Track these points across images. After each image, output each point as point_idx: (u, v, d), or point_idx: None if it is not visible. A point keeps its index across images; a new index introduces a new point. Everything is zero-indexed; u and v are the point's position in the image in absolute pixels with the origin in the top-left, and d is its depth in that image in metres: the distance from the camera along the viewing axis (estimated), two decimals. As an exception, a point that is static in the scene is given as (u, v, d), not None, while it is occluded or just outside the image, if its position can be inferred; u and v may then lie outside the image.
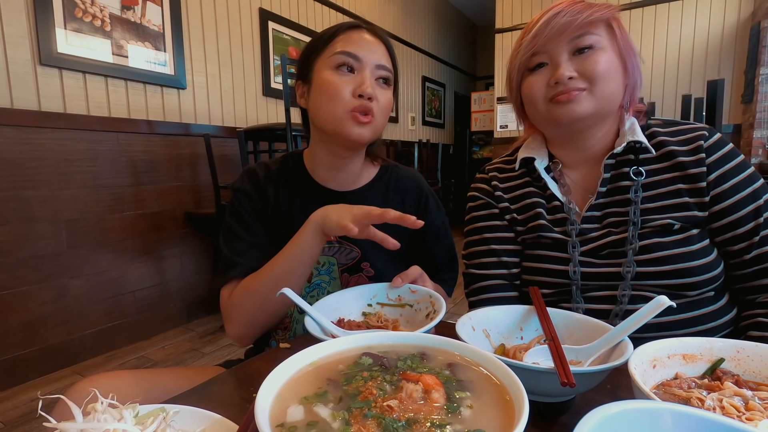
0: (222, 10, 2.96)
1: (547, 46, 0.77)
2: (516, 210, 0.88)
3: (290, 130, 2.29)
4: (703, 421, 0.32)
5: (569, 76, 0.74)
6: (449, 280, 0.98)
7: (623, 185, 0.79)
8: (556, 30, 0.75)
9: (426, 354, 0.44)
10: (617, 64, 0.76)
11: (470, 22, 7.55)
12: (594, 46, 0.75)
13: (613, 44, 0.76)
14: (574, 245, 0.79)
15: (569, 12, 0.75)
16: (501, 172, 0.94)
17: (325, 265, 0.91)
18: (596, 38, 0.75)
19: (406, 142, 5.24)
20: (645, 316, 0.52)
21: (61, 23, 2.11)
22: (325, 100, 0.82)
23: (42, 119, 2.06)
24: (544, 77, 0.78)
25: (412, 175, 1.00)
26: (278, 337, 0.92)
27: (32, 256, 2.07)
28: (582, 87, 0.75)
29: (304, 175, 0.94)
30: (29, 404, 1.87)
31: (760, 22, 3.41)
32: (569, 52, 0.76)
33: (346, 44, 0.82)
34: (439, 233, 0.97)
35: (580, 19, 0.74)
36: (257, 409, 0.33)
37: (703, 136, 0.78)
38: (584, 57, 0.75)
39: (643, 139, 0.79)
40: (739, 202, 0.74)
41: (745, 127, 3.63)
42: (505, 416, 0.33)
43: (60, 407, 0.58)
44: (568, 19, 0.74)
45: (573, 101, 0.75)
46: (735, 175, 0.75)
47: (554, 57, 0.77)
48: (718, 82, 1.46)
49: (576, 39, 0.75)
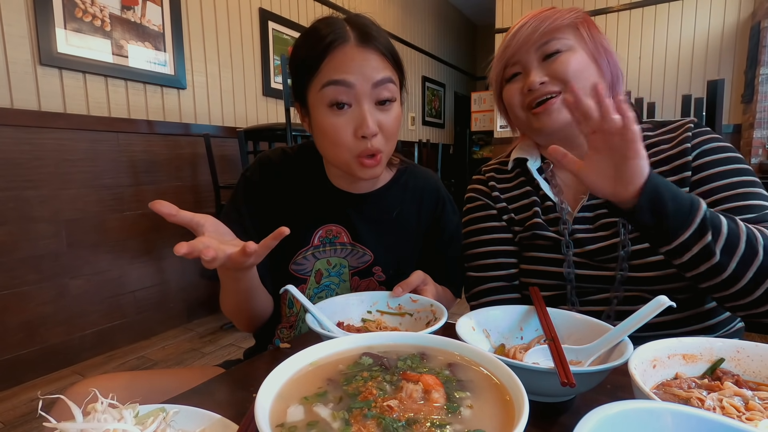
0: (222, 10, 2.96)
1: (516, 56, 0.80)
2: (513, 210, 0.88)
3: (290, 130, 2.29)
4: (703, 421, 0.32)
5: (540, 82, 0.77)
6: (458, 282, 0.96)
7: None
8: (523, 40, 0.79)
9: (426, 354, 0.44)
10: (589, 63, 0.78)
11: (470, 22, 7.55)
12: (561, 50, 0.77)
13: (583, 45, 0.78)
14: (567, 245, 0.79)
15: (533, 22, 0.79)
16: (498, 172, 0.94)
17: (336, 266, 0.89)
18: (563, 42, 0.78)
19: (406, 142, 5.24)
20: (645, 316, 0.52)
21: (61, 23, 2.11)
22: (328, 145, 0.78)
23: (42, 119, 2.06)
24: (518, 86, 0.82)
25: (429, 177, 0.98)
26: (283, 335, 0.92)
27: (32, 256, 2.07)
28: (555, 90, 0.77)
29: (320, 175, 0.91)
30: (29, 404, 1.87)
31: (760, 22, 3.41)
32: (538, 59, 0.79)
33: (335, 69, 0.73)
34: (453, 237, 0.95)
35: (544, 26, 0.77)
36: (257, 409, 0.33)
37: (689, 128, 0.78)
38: (553, 61, 0.77)
39: None
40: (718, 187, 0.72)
41: (745, 127, 3.63)
42: (505, 416, 0.33)
43: (60, 407, 0.58)
44: (532, 27, 0.78)
45: (550, 111, 0.77)
46: (719, 164, 0.74)
47: (525, 65, 0.80)
48: (718, 82, 1.46)
49: (543, 46, 0.78)
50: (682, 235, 0.60)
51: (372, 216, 0.90)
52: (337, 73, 0.73)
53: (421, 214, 0.94)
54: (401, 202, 0.92)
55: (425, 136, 6.03)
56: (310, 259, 0.88)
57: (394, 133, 0.79)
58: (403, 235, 0.92)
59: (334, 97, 0.73)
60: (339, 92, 0.73)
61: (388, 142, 0.78)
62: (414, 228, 0.93)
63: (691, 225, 0.59)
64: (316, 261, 0.88)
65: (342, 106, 0.74)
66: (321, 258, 0.89)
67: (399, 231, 0.92)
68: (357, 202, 0.89)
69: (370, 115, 0.74)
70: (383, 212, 0.91)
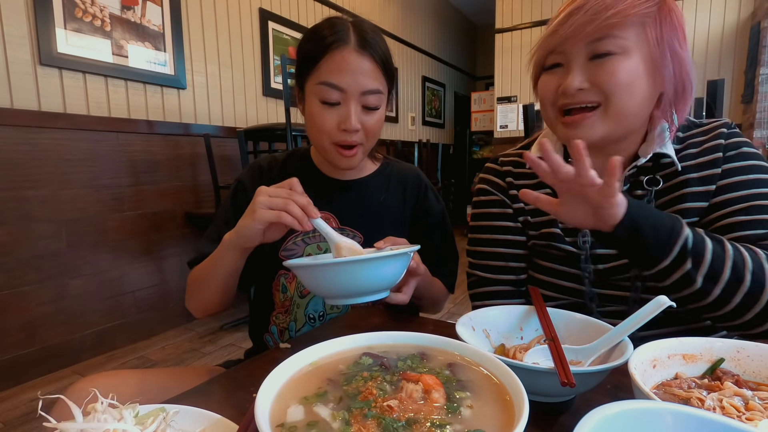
0: (222, 10, 2.96)
1: (563, 46, 0.68)
2: (530, 212, 0.82)
3: (290, 130, 2.29)
4: (703, 421, 0.32)
5: (578, 88, 0.66)
6: (449, 274, 0.99)
7: (637, 194, 0.75)
8: (573, 29, 0.65)
9: (426, 354, 0.44)
10: (642, 75, 0.65)
11: (470, 22, 7.55)
12: (613, 53, 0.64)
13: (644, 49, 0.65)
14: (586, 260, 0.75)
15: (592, 8, 0.64)
16: (516, 166, 0.86)
17: (327, 250, 0.91)
18: (619, 42, 0.64)
19: (406, 142, 5.24)
20: (645, 316, 0.52)
21: (61, 23, 2.11)
22: (312, 129, 0.86)
23: (42, 119, 2.06)
24: (556, 79, 0.70)
25: (412, 168, 1.04)
26: (279, 321, 0.93)
27: (32, 256, 2.07)
28: (594, 100, 0.67)
29: (309, 166, 0.98)
30: (29, 404, 1.87)
31: (760, 22, 3.41)
32: (586, 56, 0.67)
33: (330, 71, 0.80)
34: (437, 223, 0.99)
35: (602, 18, 0.63)
36: (257, 409, 0.33)
37: (722, 134, 0.72)
38: (600, 64, 0.65)
39: (671, 153, 0.71)
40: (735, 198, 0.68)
41: (745, 127, 3.63)
42: (505, 416, 0.33)
43: (60, 407, 0.58)
44: (590, 15, 0.64)
45: (582, 126, 0.68)
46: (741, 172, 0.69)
47: (569, 60, 0.68)
48: (718, 82, 1.46)
49: (595, 42, 0.65)
50: (660, 263, 0.60)
51: (358, 201, 0.95)
52: (332, 76, 0.80)
53: (405, 200, 0.98)
54: (386, 189, 0.98)
55: (425, 136, 6.03)
56: (300, 245, 0.91)
57: (375, 132, 0.87)
58: (390, 221, 0.96)
59: (326, 96, 0.81)
60: (331, 93, 0.81)
61: (368, 139, 0.86)
62: (400, 214, 0.98)
63: (670, 253, 0.59)
64: (306, 246, 0.91)
65: (331, 104, 0.82)
66: (311, 243, 0.91)
67: (385, 217, 0.96)
68: (343, 187, 0.96)
69: (354, 114, 0.82)
70: (369, 198, 0.96)
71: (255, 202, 0.69)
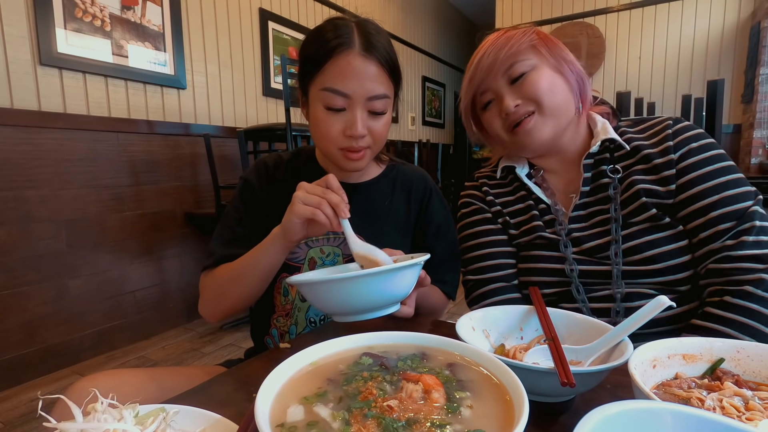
0: (222, 10, 2.96)
1: (484, 84, 0.84)
2: (508, 214, 0.91)
3: (290, 130, 2.29)
4: (703, 421, 0.32)
5: (515, 105, 0.80)
6: (451, 281, 0.98)
7: (604, 182, 0.83)
8: (486, 68, 0.82)
9: (426, 354, 0.44)
10: (554, 77, 0.81)
11: (470, 22, 7.55)
12: (526, 71, 0.80)
13: (545, 62, 0.81)
14: (566, 244, 0.82)
15: (492, 50, 0.82)
16: (490, 179, 0.97)
17: (330, 255, 0.91)
18: (526, 62, 0.80)
19: (406, 142, 5.24)
20: (645, 316, 0.52)
21: (61, 23, 2.11)
22: (317, 135, 0.85)
23: (42, 119, 2.06)
24: (496, 111, 0.85)
25: (417, 170, 1.03)
26: (279, 324, 0.92)
27: (32, 256, 2.07)
28: (530, 109, 0.80)
29: (314, 167, 0.96)
30: (29, 404, 1.87)
31: (760, 22, 3.41)
32: (506, 83, 0.82)
33: (335, 77, 0.78)
34: (441, 229, 0.98)
35: (503, 52, 0.80)
36: (257, 409, 0.33)
37: (668, 125, 0.81)
38: (521, 83, 0.81)
39: (616, 137, 0.83)
40: (706, 190, 0.75)
41: (745, 127, 3.63)
42: (505, 416, 0.33)
43: (60, 407, 0.57)
44: (493, 55, 0.81)
45: (528, 130, 0.81)
46: (704, 165, 0.77)
47: (496, 91, 0.83)
48: (718, 82, 1.46)
49: (508, 70, 0.81)
50: None
51: (363, 205, 0.93)
52: (337, 82, 0.78)
53: (410, 205, 0.97)
54: (392, 193, 0.97)
55: (425, 136, 6.03)
56: (303, 248, 0.90)
57: (382, 137, 0.85)
58: (395, 227, 0.95)
59: (331, 102, 0.79)
60: (336, 99, 0.79)
61: (375, 143, 0.84)
62: (404, 219, 0.96)
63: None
64: (309, 249, 0.90)
65: (336, 110, 0.80)
66: (314, 246, 0.90)
67: (390, 222, 0.95)
68: (348, 191, 0.92)
69: (360, 120, 0.80)
70: (374, 202, 0.95)
71: (294, 197, 0.70)
